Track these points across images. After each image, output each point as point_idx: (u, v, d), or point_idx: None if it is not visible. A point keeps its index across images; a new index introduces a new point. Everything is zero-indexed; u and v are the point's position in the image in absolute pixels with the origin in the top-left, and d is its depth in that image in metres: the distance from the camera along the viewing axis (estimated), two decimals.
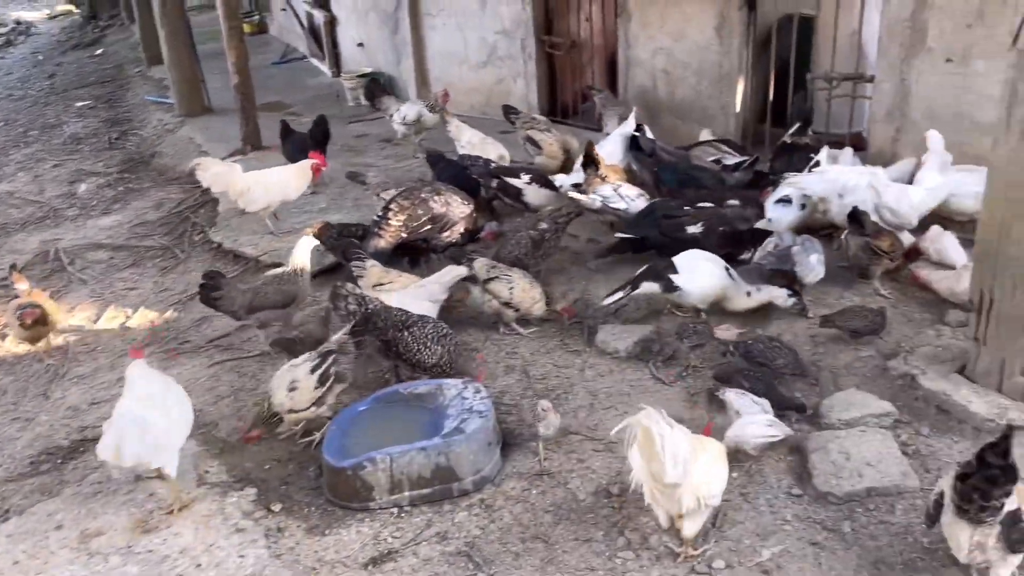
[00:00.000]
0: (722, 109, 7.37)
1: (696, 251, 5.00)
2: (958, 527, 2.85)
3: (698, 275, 4.84)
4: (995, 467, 2.73)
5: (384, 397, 4.28)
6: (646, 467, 3.15)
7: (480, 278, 5.07)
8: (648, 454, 3.09)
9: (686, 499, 3.14)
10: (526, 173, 6.38)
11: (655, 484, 3.16)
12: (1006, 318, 3.74)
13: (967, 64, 5.77)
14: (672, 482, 3.07)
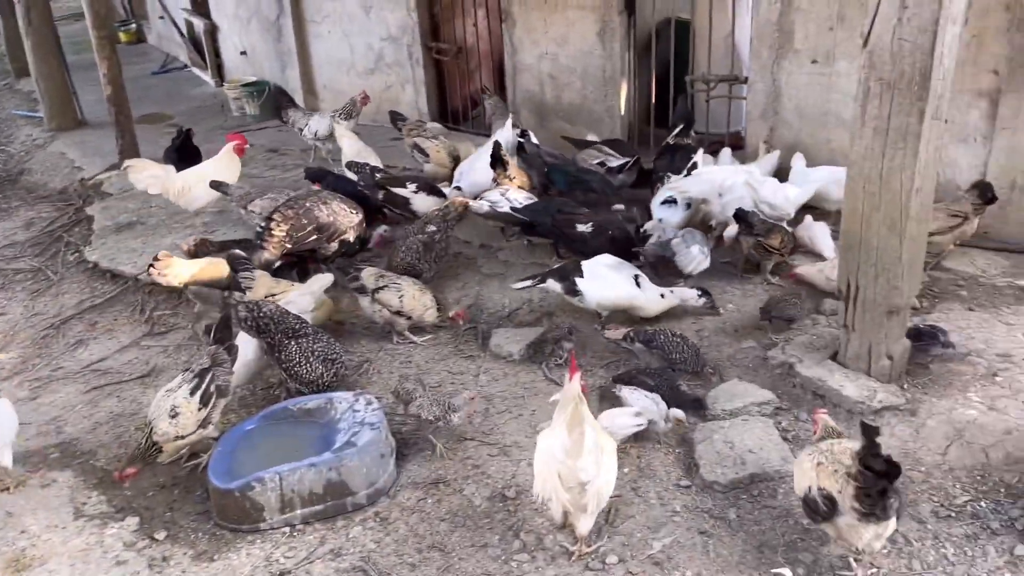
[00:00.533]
0: (608, 112, 7.52)
1: (608, 257, 5.05)
2: (862, 527, 2.93)
3: (601, 283, 4.89)
4: (883, 473, 2.83)
5: (272, 414, 4.16)
6: (561, 464, 3.12)
7: (369, 288, 5.00)
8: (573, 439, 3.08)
9: (592, 496, 3.17)
10: (412, 182, 6.32)
11: (566, 481, 3.13)
12: (871, 305, 3.94)
13: (831, 64, 6.07)
14: (587, 479, 3.10)
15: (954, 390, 4.05)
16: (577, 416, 3.08)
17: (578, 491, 3.14)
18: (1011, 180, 5.39)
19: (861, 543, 2.99)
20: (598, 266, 4.97)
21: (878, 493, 2.84)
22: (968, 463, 3.62)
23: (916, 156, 3.59)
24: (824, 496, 2.98)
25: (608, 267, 4.99)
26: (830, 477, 3.00)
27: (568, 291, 4.91)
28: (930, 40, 3.39)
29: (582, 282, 4.86)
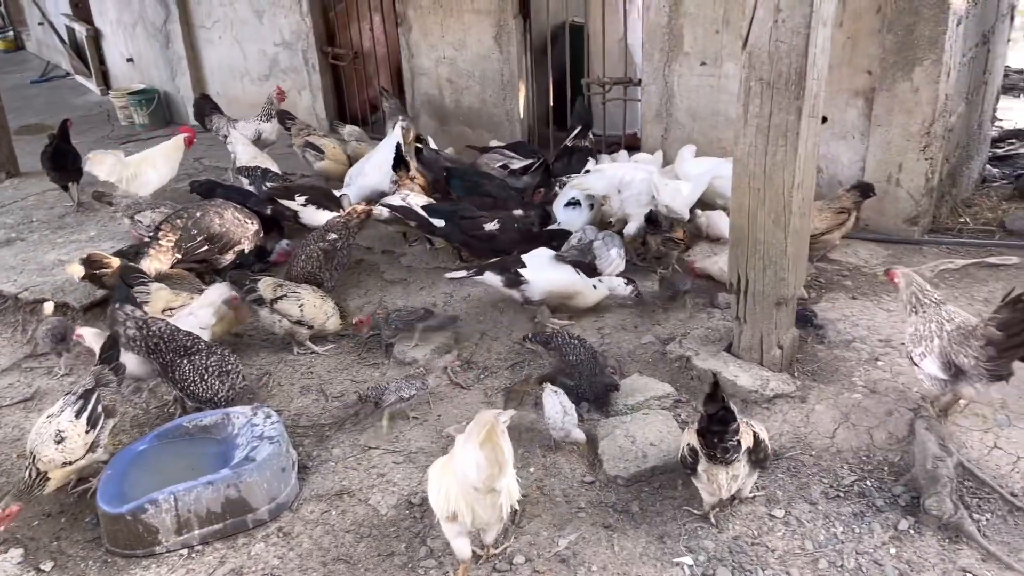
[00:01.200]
0: (507, 115, 7.57)
1: (544, 250, 5.11)
2: (715, 470, 3.29)
3: (546, 272, 4.93)
4: (717, 415, 3.17)
5: (166, 433, 4.01)
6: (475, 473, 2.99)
7: (267, 299, 4.88)
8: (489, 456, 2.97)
9: (505, 504, 3.12)
10: (301, 194, 6.09)
11: (475, 492, 3.04)
12: (760, 297, 4.09)
13: (719, 66, 6.28)
14: (497, 487, 3.04)
15: (840, 376, 4.24)
16: (493, 433, 2.98)
17: (493, 498, 3.07)
18: (887, 174, 5.69)
19: (722, 489, 3.30)
20: (538, 257, 5.02)
21: (714, 434, 3.19)
22: (854, 445, 3.80)
23: (796, 152, 3.74)
24: (690, 448, 3.34)
25: (547, 258, 5.05)
26: (694, 434, 3.33)
27: (509, 283, 4.91)
28: (803, 42, 3.54)
29: (527, 271, 4.88)
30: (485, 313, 5.25)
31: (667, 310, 4.97)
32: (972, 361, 3.51)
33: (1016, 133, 10.52)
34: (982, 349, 3.48)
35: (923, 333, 3.73)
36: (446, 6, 7.45)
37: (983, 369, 3.50)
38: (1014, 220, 6.01)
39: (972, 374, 3.54)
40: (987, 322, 3.51)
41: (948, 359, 3.59)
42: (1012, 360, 3.46)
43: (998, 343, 3.43)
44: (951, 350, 3.58)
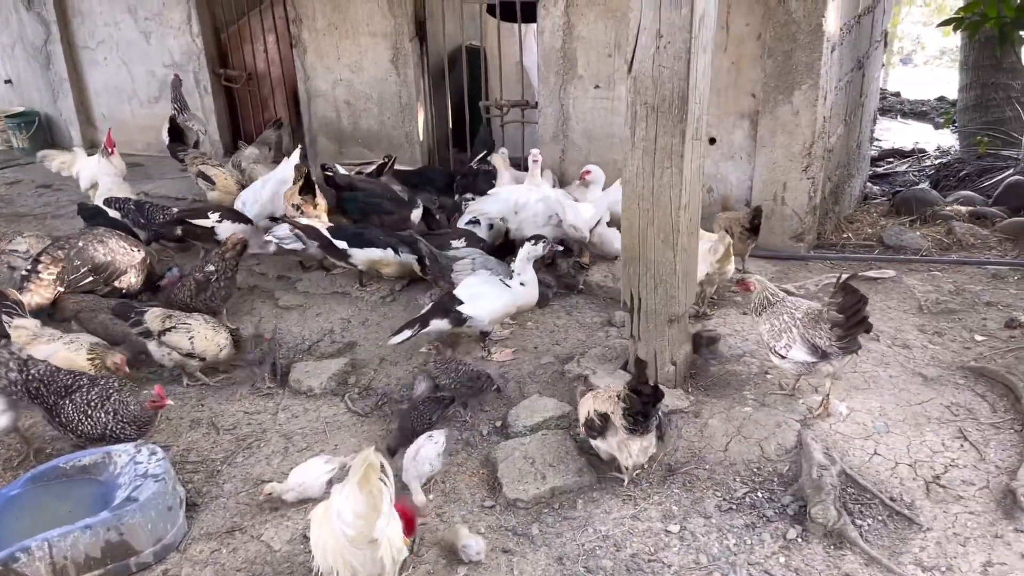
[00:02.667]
0: (406, 137, 7.54)
1: (472, 278, 4.94)
2: (631, 441, 3.65)
3: (484, 300, 4.76)
4: (648, 395, 3.55)
5: (41, 475, 3.77)
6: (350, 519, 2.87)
7: (154, 331, 4.68)
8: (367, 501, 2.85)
9: (387, 557, 2.98)
10: (214, 212, 6.01)
11: (352, 544, 2.90)
12: (653, 314, 4.17)
13: (612, 89, 6.42)
14: (376, 536, 2.90)
15: (731, 389, 4.35)
16: (371, 476, 2.86)
17: (371, 550, 2.92)
18: (773, 193, 5.92)
19: (631, 458, 3.67)
20: (470, 287, 4.84)
21: (641, 411, 3.55)
22: (746, 457, 3.89)
23: (682, 174, 3.84)
24: (599, 415, 3.67)
25: (478, 284, 4.88)
26: (605, 402, 3.69)
27: (456, 323, 4.71)
28: (685, 67, 3.65)
29: (467, 307, 4.70)
30: (383, 338, 5.16)
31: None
32: (826, 341, 3.93)
33: (894, 152, 11.15)
34: (831, 331, 3.91)
35: (779, 327, 4.10)
36: (341, 28, 7.38)
37: (836, 347, 3.93)
38: (891, 235, 6.34)
39: (830, 353, 3.95)
40: (828, 307, 3.96)
41: (811, 343, 3.98)
42: (856, 335, 3.91)
43: (841, 324, 3.88)
44: (808, 335, 3.98)
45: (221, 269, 5.17)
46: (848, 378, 4.38)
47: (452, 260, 5.26)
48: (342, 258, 5.54)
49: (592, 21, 6.34)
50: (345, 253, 5.49)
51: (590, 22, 6.36)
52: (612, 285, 5.51)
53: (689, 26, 3.58)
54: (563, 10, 6.41)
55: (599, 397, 3.77)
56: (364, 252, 5.45)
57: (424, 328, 4.66)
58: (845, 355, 3.99)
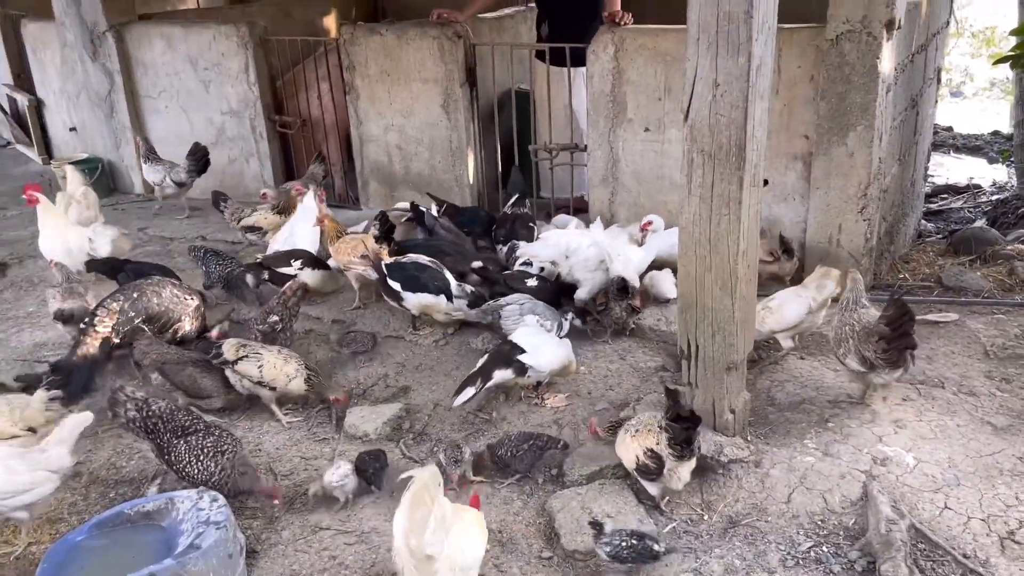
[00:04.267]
0: (456, 180, 7.62)
1: (527, 328, 4.94)
2: (680, 467, 3.78)
3: (545, 349, 4.74)
4: (688, 420, 3.75)
5: (106, 521, 3.82)
6: (406, 539, 3.06)
7: (229, 360, 4.78)
8: (415, 519, 3.04)
9: (446, 571, 3.09)
10: (296, 258, 6.12)
11: (415, 555, 3.07)
12: (710, 362, 4.12)
13: (662, 132, 6.43)
14: (432, 553, 3.03)
15: (792, 438, 4.27)
16: (419, 499, 3.07)
17: (428, 565, 3.08)
18: (828, 235, 5.85)
19: (681, 482, 3.81)
20: (530, 336, 4.80)
21: (686, 438, 3.70)
22: (810, 509, 3.81)
23: (740, 221, 3.82)
24: (651, 454, 3.75)
25: (535, 332, 4.90)
26: (648, 437, 3.79)
27: (519, 373, 4.67)
28: (742, 115, 3.64)
29: (529, 357, 4.65)
30: (437, 382, 5.19)
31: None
32: (874, 355, 4.22)
33: (948, 188, 10.95)
34: (876, 343, 4.20)
35: (841, 336, 4.42)
36: (394, 75, 7.53)
37: (881, 360, 4.21)
38: (950, 276, 6.20)
39: (877, 365, 4.26)
40: (878, 321, 4.23)
41: (861, 354, 4.28)
42: (901, 350, 4.17)
43: (887, 337, 4.15)
44: (861, 346, 4.28)
45: (285, 317, 5.27)
46: (914, 427, 4.27)
47: (500, 307, 5.27)
48: (395, 299, 5.58)
49: (642, 65, 6.38)
50: (398, 295, 5.53)
51: (640, 66, 6.40)
52: (665, 329, 5.47)
53: (746, 75, 3.59)
54: (612, 55, 6.46)
55: (640, 435, 3.85)
56: (416, 297, 5.48)
57: (487, 382, 4.62)
58: (893, 370, 4.24)
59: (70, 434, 4.02)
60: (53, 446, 3.98)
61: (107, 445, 4.76)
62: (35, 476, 3.91)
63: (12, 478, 3.86)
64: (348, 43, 7.65)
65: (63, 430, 4.01)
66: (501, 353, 4.73)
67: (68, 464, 3.99)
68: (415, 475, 3.14)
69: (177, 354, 5.02)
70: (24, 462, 3.90)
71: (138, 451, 4.66)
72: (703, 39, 3.65)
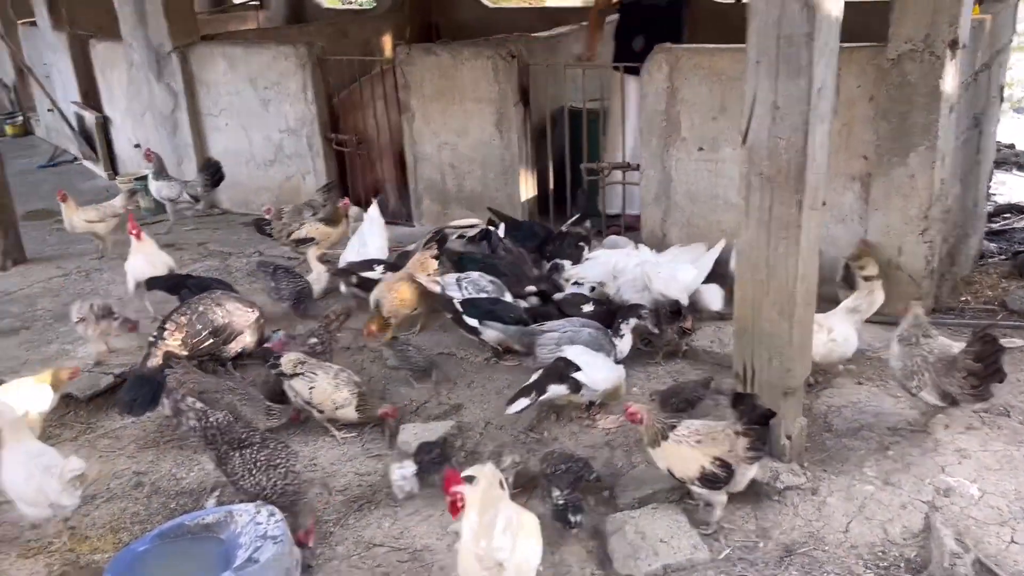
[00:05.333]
0: (508, 199, 7.67)
1: (573, 348, 4.86)
2: (750, 470, 3.81)
3: (598, 367, 4.73)
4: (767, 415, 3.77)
5: (168, 532, 3.93)
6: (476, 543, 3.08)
7: (287, 373, 4.89)
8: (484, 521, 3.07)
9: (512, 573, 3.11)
10: (378, 264, 6.38)
11: (484, 563, 3.08)
12: (767, 386, 4.07)
13: (716, 151, 6.40)
14: (501, 559, 3.06)
15: (850, 466, 4.19)
16: (488, 499, 3.09)
17: (496, 573, 3.11)
18: (887, 258, 5.73)
19: (742, 486, 3.82)
20: (579, 355, 4.77)
21: (763, 438, 3.75)
22: (869, 539, 3.73)
23: (799, 245, 3.78)
24: (719, 462, 3.71)
25: (582, 352, 4.84)
26: (717, 446, 3.74)
27: (573, 389, 4.66)
28: (802, 138, 3.61)
29: (585, 374, 4.65)
30: (489, 401, 5.22)
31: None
32: (959, 390, 4.15)
33: (1011, 208, 10.66)
34: (965, 379, 4.12)
35: (912, 368, 4.31)
36: (448, 95, 7.63)
37: (969, 395, 4.17)
38: (1016, 299, 6.04)
39: (961, 400, 4.22)
40: (964, 355, 4.14)
41: (942, 389, 4.21)
42: (990, 384, 4.10)
43: (978, 373, 4.09)
44: (940, 381, 4.20)
45: (325, 341, 5.35)
46: (979, 457, 4.16)
47: (539, 333, 5.20)
48: (472, 333, 5.62)
49: (696, 84, 6.36)
50: (475, 331, 5.55)
51: (694, 85, 6.38)
52: (719, 351, 5.41)
53: (807, 97, 3.56)
54: (667, 74, 6.45)
55: (704, 444, 3.78)
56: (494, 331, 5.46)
57: (541, 395, 4.64)
58: (976, 402, 4.24)
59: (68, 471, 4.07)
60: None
61: (168, 456, 4.89)
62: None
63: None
64: (404, 63, 7.78)
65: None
66: (556, 369, 4.73)
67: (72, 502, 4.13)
68: (477, 473, 3.13)
69: (215, 383, 5.00)
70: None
71: (198, 463, 4.78)
72: (763, 62, 3.64)
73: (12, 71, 14.46)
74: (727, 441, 3.74)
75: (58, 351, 6.16)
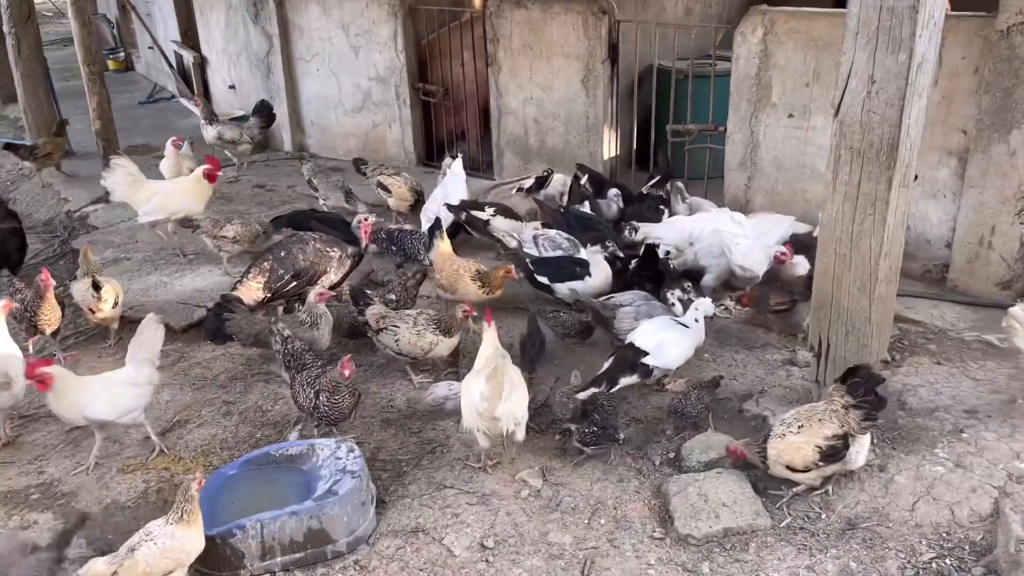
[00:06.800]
0: (590, 156, 7.67)
1: (647, 324, 4.78)
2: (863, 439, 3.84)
3: (668, 348, 4.64)
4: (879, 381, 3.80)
5: (254, 460, 4.20)
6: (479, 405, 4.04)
7: (372, 327, 5.10)
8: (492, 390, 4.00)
9: (507, 419, 4.01)
10: (490, 206, 6.57)
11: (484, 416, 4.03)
12: (841, 361, 4.07)
13: (807, 119, 6.27)
14: (499, 415, 3.98)
15: (921, 446, 4.16)
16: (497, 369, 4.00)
17: (493, 422, 4.02)
18: (979, 236, 5.57)
19: (861, 460, 3.88)
20: (650, 335, 4.67)
21: (875, 409, 3.76)
22: (935, 520, 3.73)
23: (885, 221, 3.74)
24: (837, 437, 3.74)
25: (656, 329, 4.71)
26: (826, 426, 3.76)
27: (644, 375, 4.61)
28: (897, 113, 3.55)
29: (653, 358, 4.58)
30: (559, 356, 5.33)
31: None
32: None
33: None
34: None
35: None
36: (536, 49, 7.62)
37: None
38: None
39: None
40: None
41: None
42: None
43: None
44: None
45: (403, 299, 5.53)
46: None
47: (615, 307, 5.18)
48: (544, 290, 5.72)
49: (791, 50, 6.22)
50: (549, 288, 5.66)
51: (788, 51, 6.24)
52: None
53: (906, 72, 3.48)
54: (761, 37, 6.32)
55: (808, 429, 3.78)
56: (564, 285, 5.57)
57: (613, 387, 4.50)
58: None
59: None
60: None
61: (255, 389, 5.17)
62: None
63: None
64: (494, 15, 7.79)
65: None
66: (625, 358, 4.62)
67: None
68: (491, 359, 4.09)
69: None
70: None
71: (282, 397, 5.04)
72: (862, 33, 3.56)
73: (116, 8, 14.98)
74: (835, 418, 3.76)
75: (156, 282, 6.51)
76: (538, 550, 3.76)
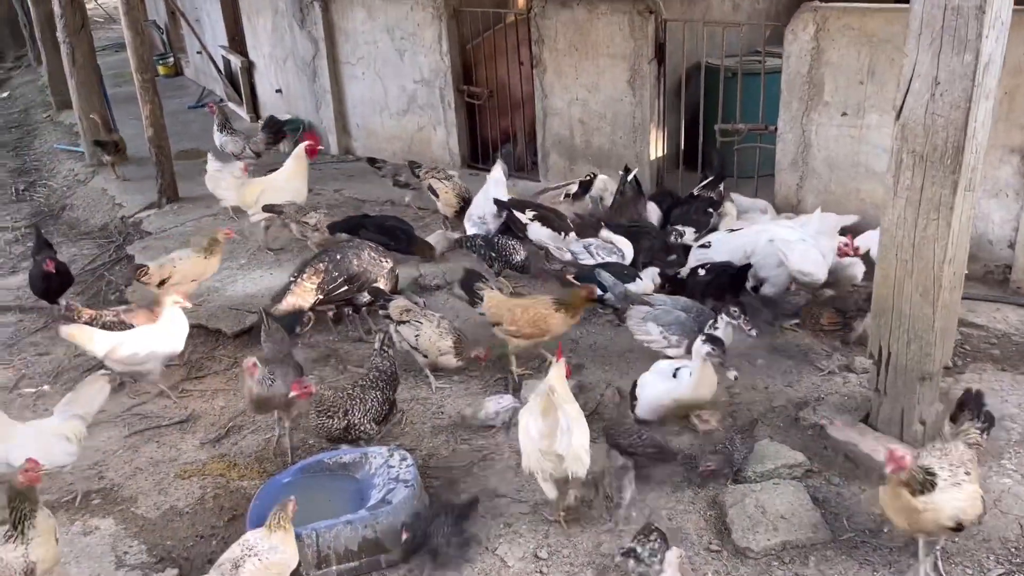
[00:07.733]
0: (636, 157, 7.59)
1: (657, 372, 4.58)
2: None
3: (647, 389, 4.51)
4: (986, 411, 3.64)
5: (309, 467, 4.24)
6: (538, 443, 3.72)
7: (394, 319, 5.13)
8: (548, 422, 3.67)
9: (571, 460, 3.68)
10: (532, 209, 6.48)
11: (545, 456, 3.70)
12: (903, 370, 3.96)
13: (861, 117, 6.12)
14: (563, 452, 3.63)
15: (988, 457, 4.04)
16: (549, 403, 3.66)
17: (557, 460, 3.68)
18: None
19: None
20: (648, 375, 4.59)
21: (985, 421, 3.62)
22: (1003, 534, 3.62)
23: (949, 227, 3.62)
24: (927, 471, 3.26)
25: (652, 370, 4.61)
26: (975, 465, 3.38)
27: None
28: (963, 116, 3.43)
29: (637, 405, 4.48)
30: (611, 362, 5.28)
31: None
32: None
33: None
34: None
35: None
36: (582, 49, 7.57)
37: None
38: None
39: None
40: None
41: None
42: None
43: None
44: None
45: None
46: None
47: (633, 303, 5.14)
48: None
49: (844, 47, 6.08)
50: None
51: (841, 47, 6.10)
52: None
53: (972, 74, 3.37)
54: (812, 35, 6.19)
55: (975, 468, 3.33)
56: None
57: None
58: None
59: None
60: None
61: None
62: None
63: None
64: (539, 16, 7.75)
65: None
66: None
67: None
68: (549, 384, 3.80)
69: None
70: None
71: None
72: (925, 34, 3.45)
73: (165, 14, 15.26)
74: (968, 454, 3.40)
75: (208, 288, 6.61)
76: (592, 561, 3.73)
